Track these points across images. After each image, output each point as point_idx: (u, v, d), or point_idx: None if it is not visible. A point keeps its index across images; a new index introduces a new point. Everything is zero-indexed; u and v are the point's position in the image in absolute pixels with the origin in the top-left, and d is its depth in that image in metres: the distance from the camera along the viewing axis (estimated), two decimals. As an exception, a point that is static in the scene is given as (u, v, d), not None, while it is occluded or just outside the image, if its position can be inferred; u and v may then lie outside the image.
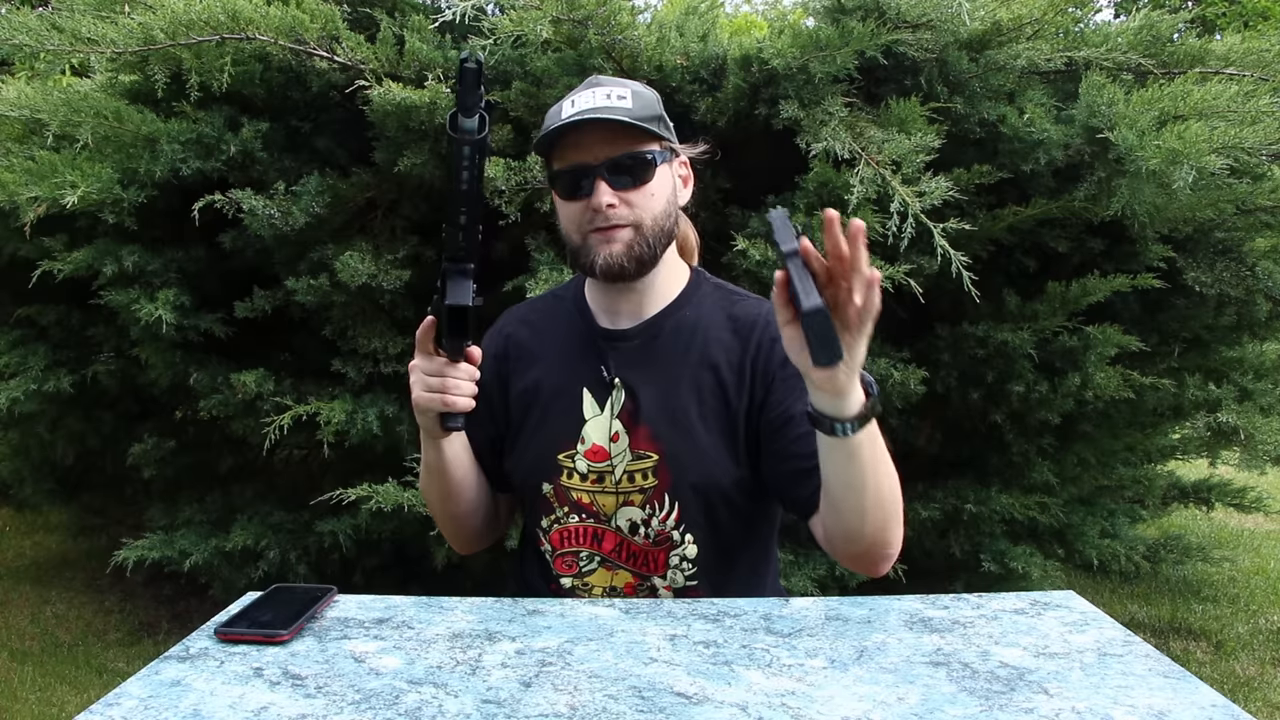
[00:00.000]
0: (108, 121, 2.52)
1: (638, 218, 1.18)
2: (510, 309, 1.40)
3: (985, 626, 0.99)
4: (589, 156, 1.16)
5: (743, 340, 1.23)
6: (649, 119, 1.18)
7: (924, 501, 2.81)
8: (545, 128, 1.20)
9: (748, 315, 1.26)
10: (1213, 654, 3.18)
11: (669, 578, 1.23)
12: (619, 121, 1.14)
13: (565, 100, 1.20)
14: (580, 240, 1.20)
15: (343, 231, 2.67)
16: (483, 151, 0.96)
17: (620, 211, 1.17)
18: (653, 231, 1.19)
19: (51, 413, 3.14)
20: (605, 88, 1.19)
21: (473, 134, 0.94)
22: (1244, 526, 4.74)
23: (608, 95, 1.17)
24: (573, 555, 1.26)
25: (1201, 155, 2.15)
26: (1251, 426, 2.94)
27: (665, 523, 1.21)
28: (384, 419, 2.63)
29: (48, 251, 2.70)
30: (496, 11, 2.57)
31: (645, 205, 1.18)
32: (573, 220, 1.20)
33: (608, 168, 1.16)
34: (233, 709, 0.79)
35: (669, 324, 1.25)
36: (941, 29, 2.50)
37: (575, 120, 1.14)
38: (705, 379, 1.22)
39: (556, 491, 1.24)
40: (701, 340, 1.24)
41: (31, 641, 3.20)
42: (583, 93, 1.19)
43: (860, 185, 2.27)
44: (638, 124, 1.15)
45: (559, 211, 1.23)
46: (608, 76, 1.25)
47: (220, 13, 2.37)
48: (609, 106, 1.16)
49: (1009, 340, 2.61)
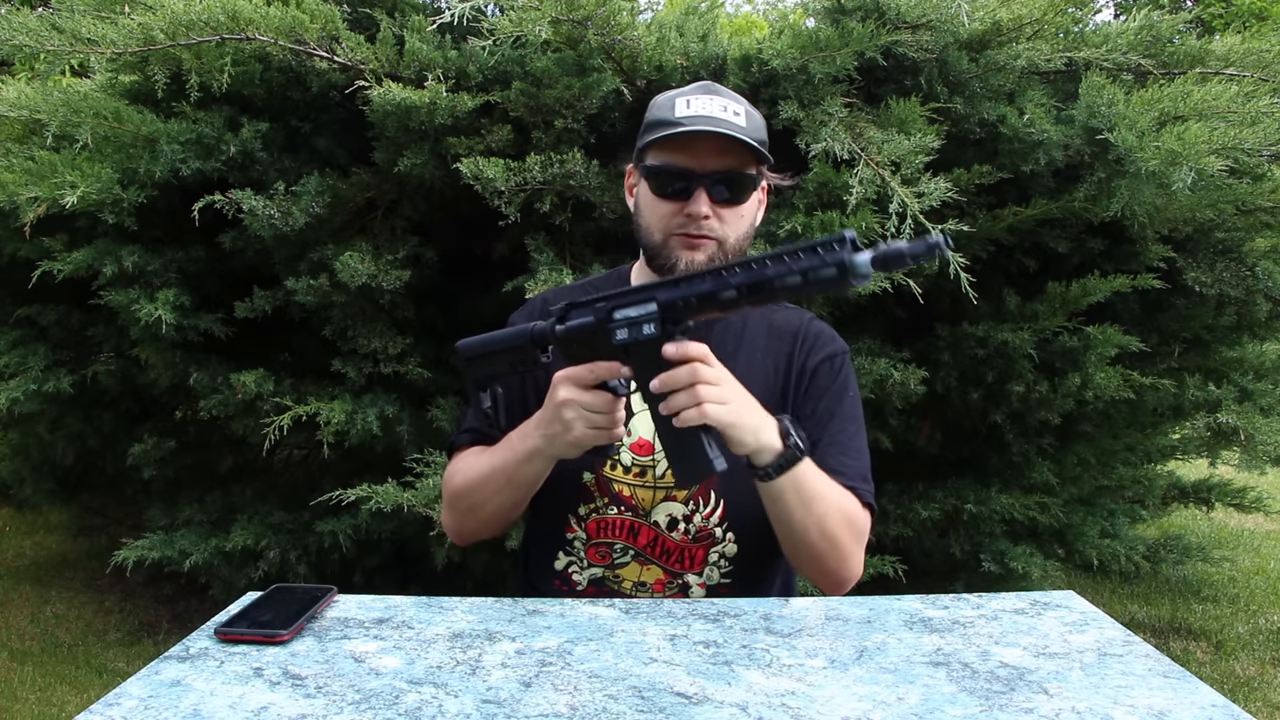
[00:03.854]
0: (108, 122, 2.52)
1: (725, 234, 1.19)
2: (545, 292, 1.39)
3: (985, 626, 0.99)
4: (696, 163, 1.16)
5: (787, 345, 1.27)
6: (759, 141, 1.18)
7: (924, 501, 2.81)
8: (657, 119, 1.19)
9: (789, 323, 1.29)
10: (1213, 654, 3.18)
11: (705, 574, 1.24)
12: (738, 139, 1.15)
13: (678, 98, 1.20)
14: (662, 239, 1.20)
15: (343, 231, 2.67)
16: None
17: (712, 224, 1.18)
18: (733, 250, 1.20)
19: (51, 413, 3.14)
20: (722, 99, 1.19)
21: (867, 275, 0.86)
22: (1244, 526, 4.74)
23: (724, 107, 1.17)
24: (607, 546, 1.26)
25: (1201, 156, 2.15)
26: (1251, 427, 2.94)
27: (709, 519, 1.23)
28: (384, 419, 2.62)
29: (48, 251, 2.70)
30: (496, 12, 2.57)
31: (735, 224, 1.20)
32: (659, 217, 1.20)
33: (713, 179, 1.17)
34: (233, 709, 0.79)
35: (716, 328, 1.27)
36: (941, 29, 2.50)
37: (699, 129, 1.14)
38: (754, 378, 1.22)
39: (599, 481, 1.25)
40: (749, 344, 1.27)
41: (31, 641, 3.20)
42: (699, 97, 1.19)
43: (859, 186, 2.27)
44: (751, 143, 1.16)
45: (643, 203, 1.23)
46: (724, 87, 1.25)
47: (220, 13, 2.37)
48: (726, 120, 1.16)
49: (1009, 340, 2.61)
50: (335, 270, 2.51)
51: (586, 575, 1.27)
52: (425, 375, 2.72)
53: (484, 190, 2.39)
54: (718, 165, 1.16)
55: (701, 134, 1.14)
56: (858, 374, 2.50)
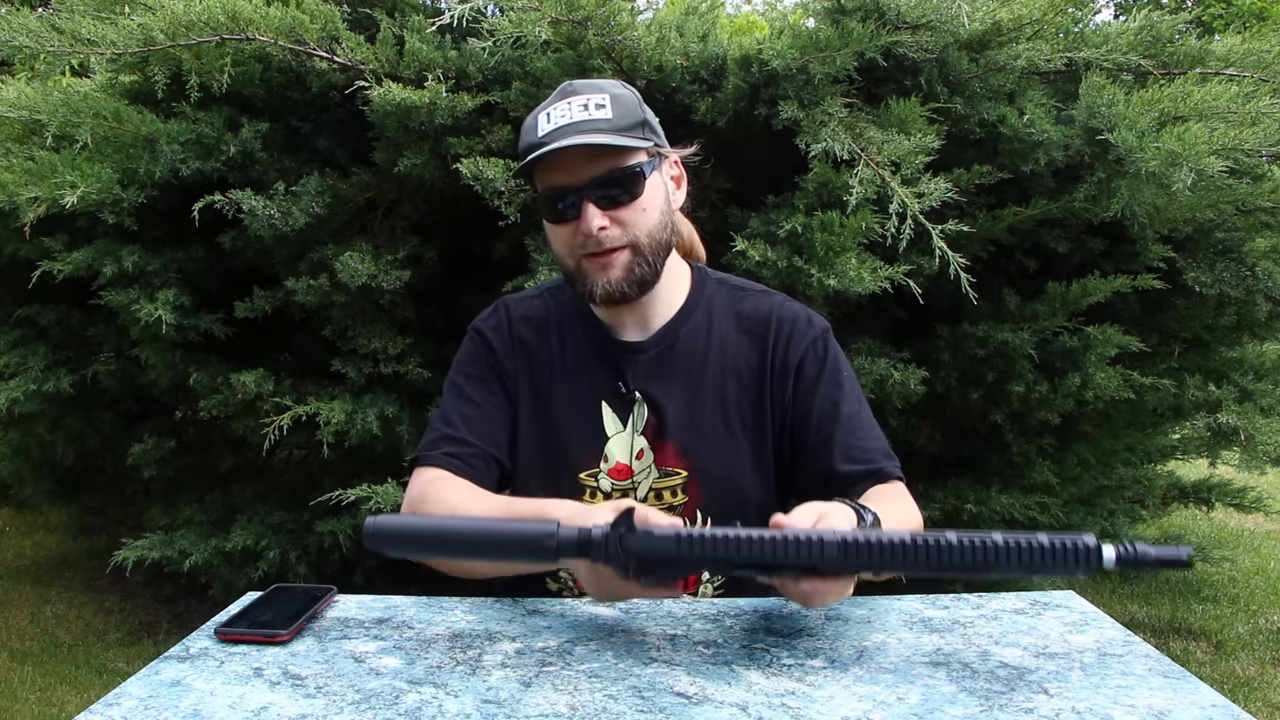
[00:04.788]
0: (107, 122, 2.52)
1: (633, 237, 1.10)
2: (505, 299, 1.30)
3: (985, 626, 0.99)
4: (571, 178, 1.08)
5: (759, 339, 1.20)
6: (631, 127, 1.10)
7: (924, 501, 2.80)
8: (522, 144, 1.12)
9: (758, 313, 1.22)
10: (1213, 654, 3.18)
11: (700, 594, 1.19)
12: (597, 144, 1.06)
13: (540, 113, 1.11)
14: (574, 265, 1.13)
15: (342, 232, 2.67)
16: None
17: (613, 233, 1.09)
18: (650, 248, 1.12)
19: (51, 413, 3.14)
20: (581, 96, 1.10)
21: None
22: (1244, 526, 4.74)
23: (584, 106, 1.08)
24: None
25: (1201, 157, 2.15)
26: (1251, 427, 2.94)
27: None
28: (383, 419, 2.62)
29: (48, 251, 2.70)
30: (496, 12, 2.57)
31: (639, 222, 1.10)
32: (563, 244, 1.12)
33: (593, 187, 1.08)
34: (233, 709, 0.79)
35: (682, 331, 1.20)
36: (941, 30, 2.50)
37: (553, 148, 1.05)
38: (729, 388, 1.18)
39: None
40: (718, 346, 1.20)
41: (31, 641, 3.20)
42: (557, 104, 1.11)
43: (859, 186, 2.27)
44: (618, 142, 1.07)
45: (548, 234, 1.16)
46: (583, 81, 1.16)
47: (220, 13, 2.37)
48: (588, 120, 1.07)
49: (1009, 340, 2.61)
50: (335, 270, 2.51)
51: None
52: (425, 375, 2.72)
53: (484, 190, 2.39)
54: (594, 171, 1.07)
55: (565, 149, 1.05)
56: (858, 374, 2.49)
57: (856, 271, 2.27)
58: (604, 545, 0.84)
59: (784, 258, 2.30)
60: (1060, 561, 0.80)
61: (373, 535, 0.88)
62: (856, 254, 2.31)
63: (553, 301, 1.27)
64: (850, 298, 2.41)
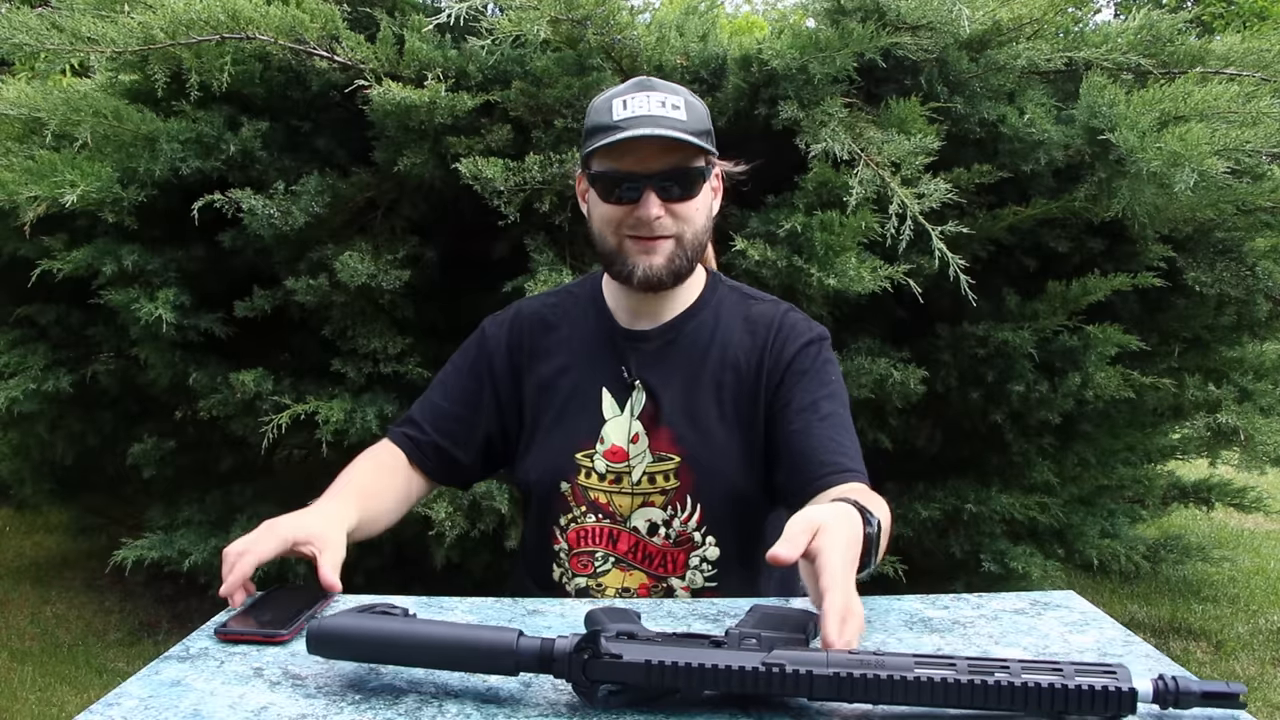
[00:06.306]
0: (107, 121, 2.52)
1: (680, 230, 1.18)
2: (520, 301, 1.39)
3: (985, 626, 0.99)
4: (640, 165, 1.14)
5: (759, 340, 1.24)
6: (700, 133, 1.16)
7: (924, 501, 2.80)
8: (596, 124, 1.17)
9: (764, 316, 1.27)
10: (1213, 654, 3.18)
11: (688, 578, 1.23)
12: (677, 138, 1.13)
13: (614, 99, 1.17)
14: (616, 244, 1.19)
15: (342, 231, 2.67)
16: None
17: (665, 223, 1.16)
18: (692, 245, 1.19)
19: (51, 413, 3.13)
20: (660, 93, 1.16)
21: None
22: (1244, 526, 4.74)
23: (662, 103, 1.15)
24: (588, 555, 1.25)
25: (1203, 157, 2.15)
26: (1251, 427, 2.94)
27: (687, 524, 1.22)
28: (383, 419, 2.62)
29: (47, 251, 2.70)
30: (495, 11, 2.57)
31: (689, 218, 1.18)
32: (610, 223, 1.19)
33: (659, 179, 1.15)
34: (233, 709, 0.79)
35: (688, 326, 1.26)
36: (941, 30, 2.50)
37: (636, 134, 1.12)
38: (726, 380, 1.23)
39: (574, 490, 1.24)
40: (720, 343, 1.25)
41: (31, 641, 3.20)
42: (635, 95, 1.16)
43: (859, 186, 2.27)
44: (696, 141, 1.14)
45: (593, 209, 1.22)
46: (660, 80, 1.22)
47: (220, 12, 2.37)
48: (665, 117, 1.14)
49: (1009, 340, 2.61)
50: (335, 270, 2.51)
51: (573, 586, 1.26)
52: (425, 375, 2.72)
53: (483, 190, 2.39)
54: (663, 165, 1.14)
55: (642, 138, 1.12)
56: (858, 374, 2.51)
57: (856, 271, 2.28)
58: (566, 665, 0.79)
59: (784, 257, 2.30)
60: (1088, 705, 0.75)
61: (315, 639, 0.83)
62: (856, 254, 2.31)
63: (567, 298, 1.35)
64: (850, 297, 2.41)
